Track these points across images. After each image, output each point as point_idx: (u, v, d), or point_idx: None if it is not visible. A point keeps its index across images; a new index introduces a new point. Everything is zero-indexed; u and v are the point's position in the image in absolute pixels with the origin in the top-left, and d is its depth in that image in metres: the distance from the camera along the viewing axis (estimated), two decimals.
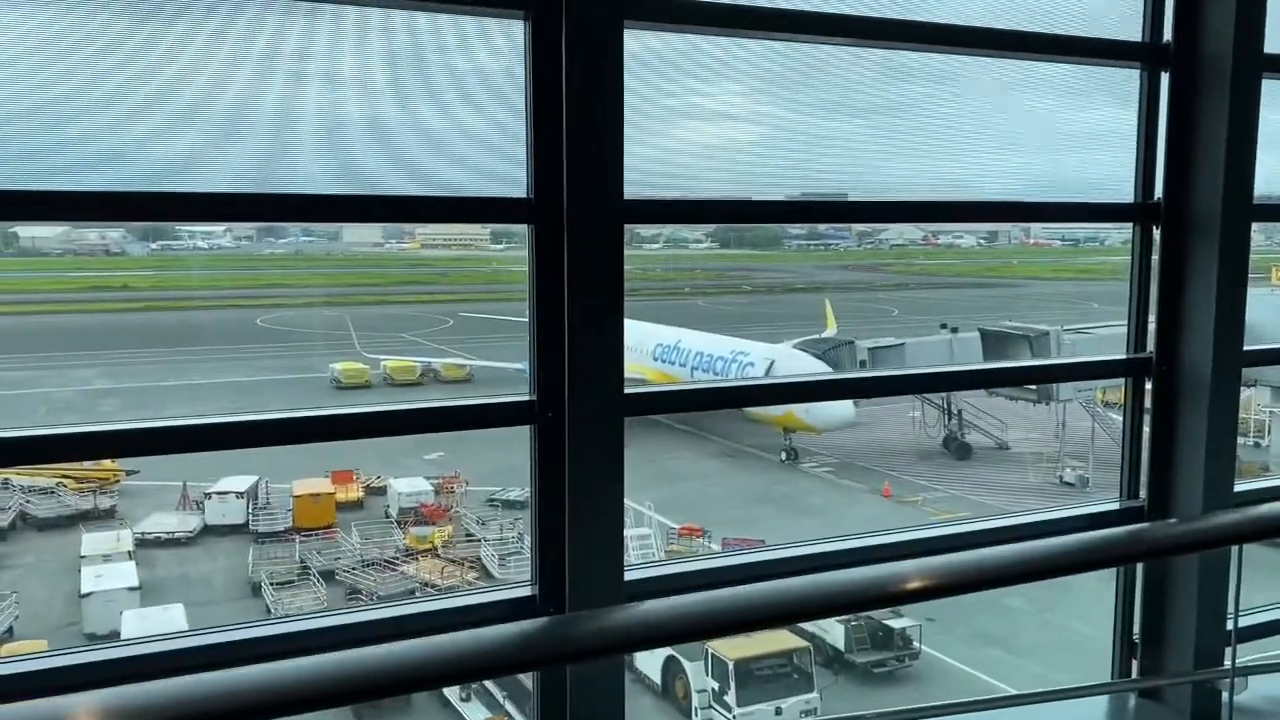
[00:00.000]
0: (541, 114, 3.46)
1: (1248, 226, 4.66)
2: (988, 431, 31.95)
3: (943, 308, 43.03)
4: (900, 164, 4.95)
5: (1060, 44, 4.57)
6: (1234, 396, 4.66)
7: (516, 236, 52.53)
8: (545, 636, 2.01)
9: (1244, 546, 4.55)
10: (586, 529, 3.61)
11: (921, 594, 2.00)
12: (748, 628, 1.95)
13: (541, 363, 3.56)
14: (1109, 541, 2.58)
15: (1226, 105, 4.43)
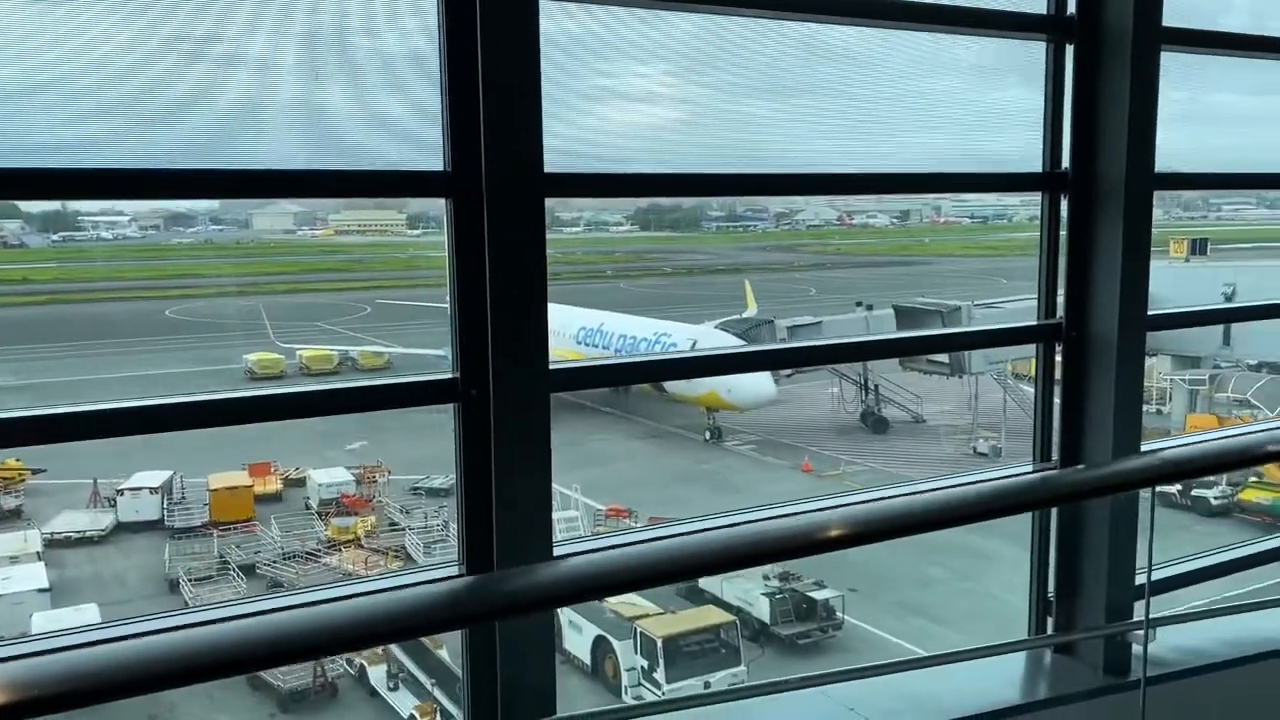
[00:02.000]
0: (457, 86, 3.41)
1: (1150, 195, 4.81)
2: (904, 405, 32.67)
3: (858, 286, 43.77)
4: (820, 144, 5.01)
5: (971, 16, 4.66)
6: (1140, 359, 4.83)
7: (434, 222, 51.89)
8: (473, 593, 1.99)
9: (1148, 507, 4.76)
10: (514, 507, 3.59)
11: (845, 541, 2.03)
12: (675, 578, 1.96)
13: (464, 339, 3.52)
14: (1021, 486, 2.67)
15: (1128, 77, 4.56)
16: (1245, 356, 30.41)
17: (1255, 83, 7.01)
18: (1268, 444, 2.97)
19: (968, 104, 5.46)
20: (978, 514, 2.34)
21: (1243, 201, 59.02)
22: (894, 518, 2.13)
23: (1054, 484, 3.25)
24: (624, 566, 1.86)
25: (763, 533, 2.00)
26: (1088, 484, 2.97)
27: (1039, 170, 4.89)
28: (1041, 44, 4.82)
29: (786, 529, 2.03)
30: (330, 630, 1.79)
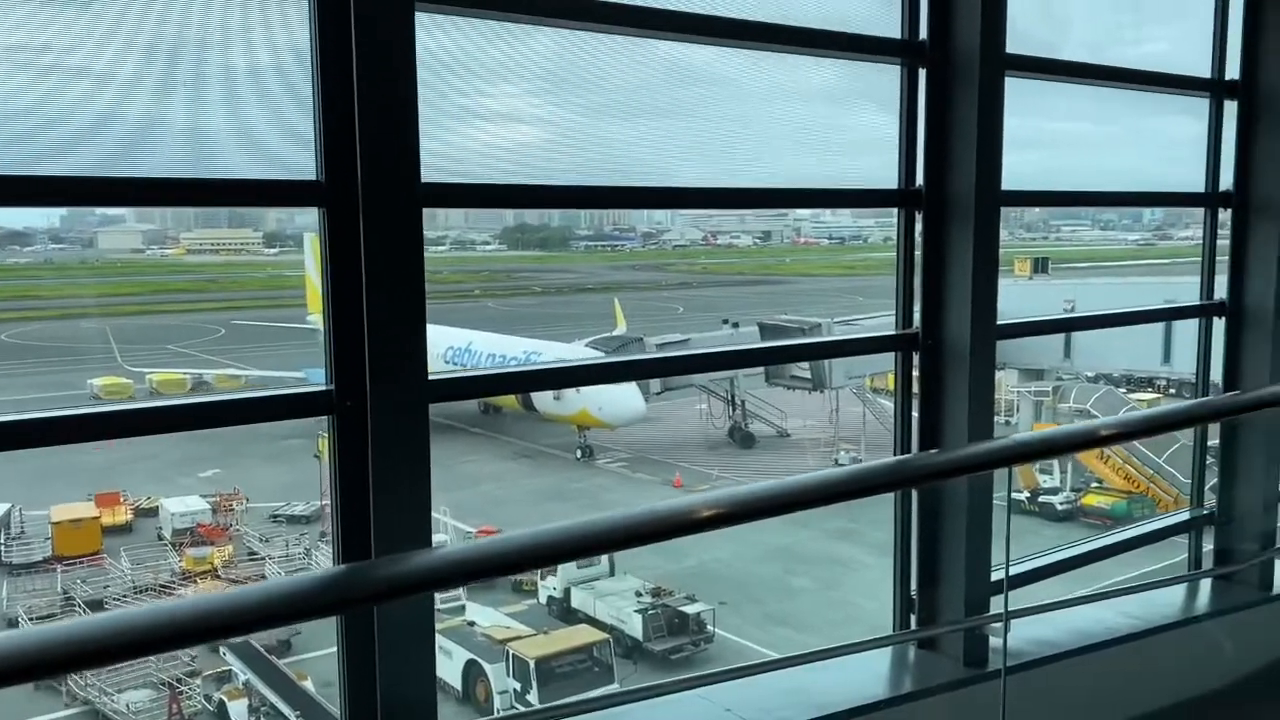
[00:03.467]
0: (331, 95, 3.37)
1: (997, 211, 5.11)
2: (769, 420, 33.45)
3: (724, 304, 44.64)
4: (685, 166, 5.14)
5: (830, 39, 4.86)
6: (990, 365, 5.11)
7: (292, 240, 50.43)
8: (346, 579, 1.95)
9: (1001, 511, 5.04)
10: (393, 521, 3.55)
11: (716, 521, 2.09)
12: (549, 562, 1.98)
13: (339, 349, 3.47)
14: (882, 468, 2.80)
15: (976, 99, 4.84)
16: (1084, 369, 32.33)
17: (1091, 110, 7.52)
18: (1100, 429, 3.22)
19: (827, 128, 5.70)
20: (842, 494, 2.45)
21: (1079, 224, 62.67)
22: (764, 498, 2.21)
23: (912, 465, 3.42)
24: (498, 550, 1.87)
25: (637, 516, 2.04)
26: (943, 465, 3.14)
27: (895, 187, 5.13)
28: (896, 68, 5.08)
29: (660, 512, 2.08)
30: (214, 616, 1.74)
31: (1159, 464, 26.20)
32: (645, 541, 2.07)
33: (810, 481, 2.34)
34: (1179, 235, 48.19)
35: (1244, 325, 6.28)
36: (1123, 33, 7.05)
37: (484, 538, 2.03)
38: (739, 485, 2.43)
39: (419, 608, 3.64)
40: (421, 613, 3.69)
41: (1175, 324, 6.56)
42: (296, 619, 1.92)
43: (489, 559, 1.93)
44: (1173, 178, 6.90)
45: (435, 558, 1.97)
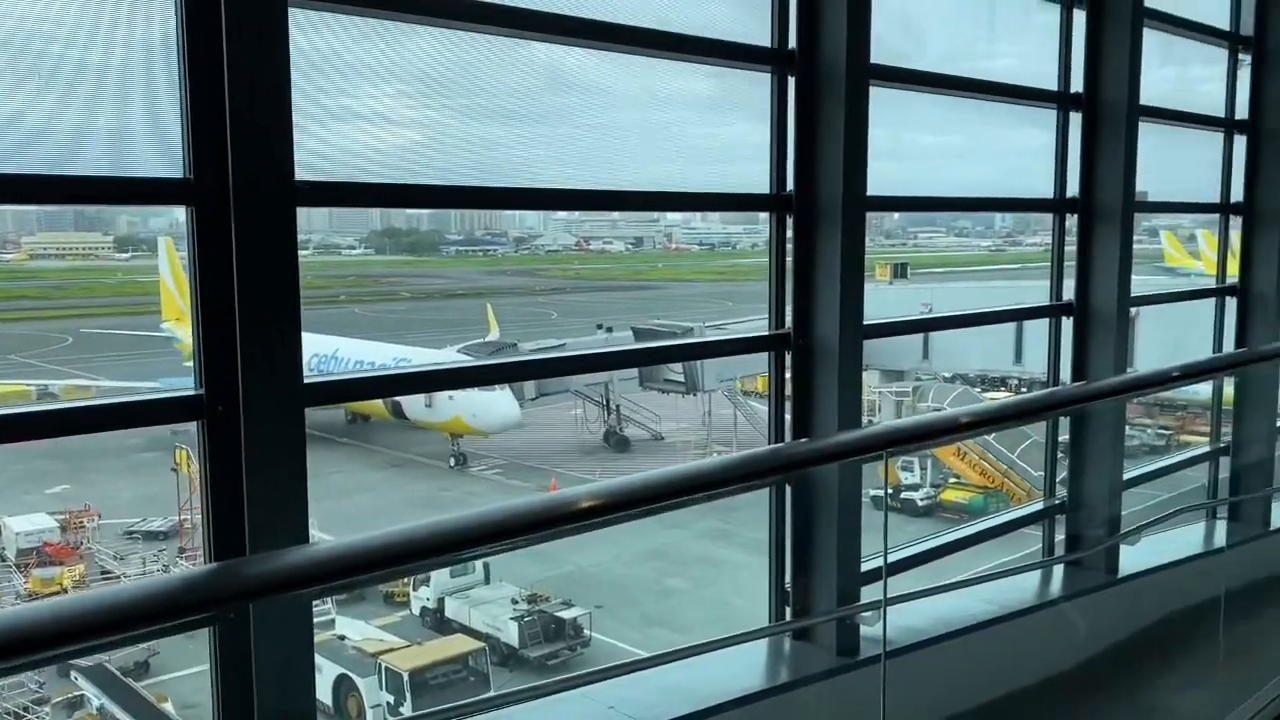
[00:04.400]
0: (200, 90, 3.27)
1: (863, 215, 5.30)
2: (644, 424, 33.69)
3: (598, 309, 44.70)
4: (559, 170, 5.17)
5: (703, 46, 4.97)
6: (858, 363, 5.29)
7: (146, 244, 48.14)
8: (212, 579, 1.86)
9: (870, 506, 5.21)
10: (269, 527, 3.45)
11: (596, 511, 2.11)
12: (423, 556, 1.95)
13: (209, 352, 3.36)
14: (756, 456, 2.87)
15: (842, 107, 5.02)
16: (942, 370, 33.68)
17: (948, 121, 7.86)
18: (961, 416, 3.39)
19: (701, 134, 5.81)
20: (718, 482, 2.51)
21: (935, 231, 65.26)
22: (643, 488, 2.25)
23: (786, 453, 3.52)
24: (374, 548, 1.83)
25: (515, 509, 2.04)
26: (816, 452, 3.25)
27: (767, 192, 5.27)
28: (766, 75, 5.22)
29: (538, 504, 2.09)
30: (68, 621, 1.63)
31: (1013, 459, 27.50)
32: (524, 533, 2.07)
33: (690, 471, 2.39)
34: (1028, 241, 50.67)
35: (1090, 324, 6.68)
36: (976, 47, 7.41)
37: (361, 534, 1.98)
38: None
39: (297, 616, 3.55)
40: (299, 621, 3.60)
41: (1026, 325, 6.95)
42: (160, 620, 1.78)
43: (369, 554, 1.89)
44: (1024, 185, 7.28)
45: (311, 553, 1.91)
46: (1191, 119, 8.18)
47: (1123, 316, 6.59)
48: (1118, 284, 6.53)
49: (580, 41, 4.65)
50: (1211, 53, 8.37)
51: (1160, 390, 6.33)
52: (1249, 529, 7.74)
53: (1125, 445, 7.03)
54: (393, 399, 28.59)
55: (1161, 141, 7.88)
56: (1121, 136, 6.51)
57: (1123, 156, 6.49)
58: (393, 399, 28.59)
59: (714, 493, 4.09)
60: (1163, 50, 7.70)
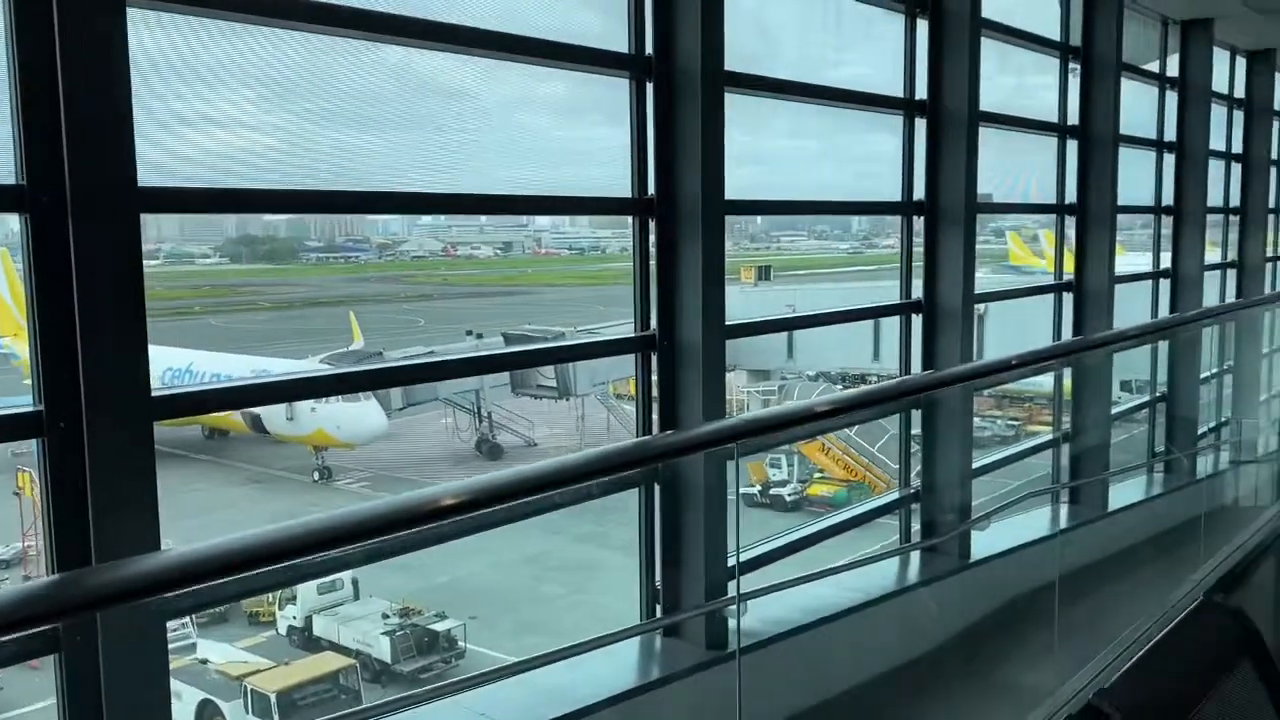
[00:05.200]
0: (32, 92, 3.12)
1: (723, 218, 5.43)
2: (517, 431, 33.45)
3: (466, 316, 44.18)
4: (421, 175, 5.12)
5: (561, 51, 5.00)
6: (721, 363, 5.41)
7: None
8: (51, 590, 1.75)
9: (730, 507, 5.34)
10: (117, 552, 3.30)
11: (458, 509, 2.09)
12: (280, 559, 1.89)
13: (48, 366, 3.21)
14: (621, 450, 2.91)
15: (699, 113, 5.13)
16: (806, 369, 34.58)
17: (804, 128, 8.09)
18: (817, 406, 3.51)
19: (565, 137, 5.85)
20: (579, 476, 2.53)
21: (797, 234, 66.96)
22: (504, 484, 2.25)
23: (652, 445, 3.57)
24: (230, 551, 1.77)
25: (371, 510, 2.01)
26: (680, 444, 3.31)
27: (629, 196, 5.34)
28: (625, 81, 5.29)
29: (396, 504, 2.06)
30: None
31: (873, 453, 28.45)
32: (384, 533, 2.03)
33: (552, 466, 2.40)
34: (884, 244, 52.46)
35: (937, 320, 6.99)
36: (828, 55, 7.67)
37: (216, 539, 1.90)
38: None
39: (149, 638, 3.41)
40: (152, 644, 3.47)
41: (883, 324, 7.28)
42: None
43: (226, 557, 1.82)
44: (876, 189, 7.57)
45: (163, 559, 1.83)
46: (1028, 124, 8.66)
47: (967, 312, 6.93)
48: (962, 282, 6.86)
49: (437, 45, 4.62)
50: (1046, 61, 8.88)
51: (1001, 376, 6.67)
52: (1089, 511, 8.23)
53: (977, 437, 7.38)
54: (252, 412, 27.63)
55: (1008, 146, 8.32)
56: (963, 141, 6.85)
57: (964, 161, 6.82)
58: (252, 412, 27.63)
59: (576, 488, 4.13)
60: (1001, 59, 8.14)
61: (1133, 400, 10.34)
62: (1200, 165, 10.52)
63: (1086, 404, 8.53)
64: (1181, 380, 9.62)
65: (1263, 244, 12.52)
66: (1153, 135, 10.42)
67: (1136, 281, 10.50)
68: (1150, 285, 10.56)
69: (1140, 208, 10.41)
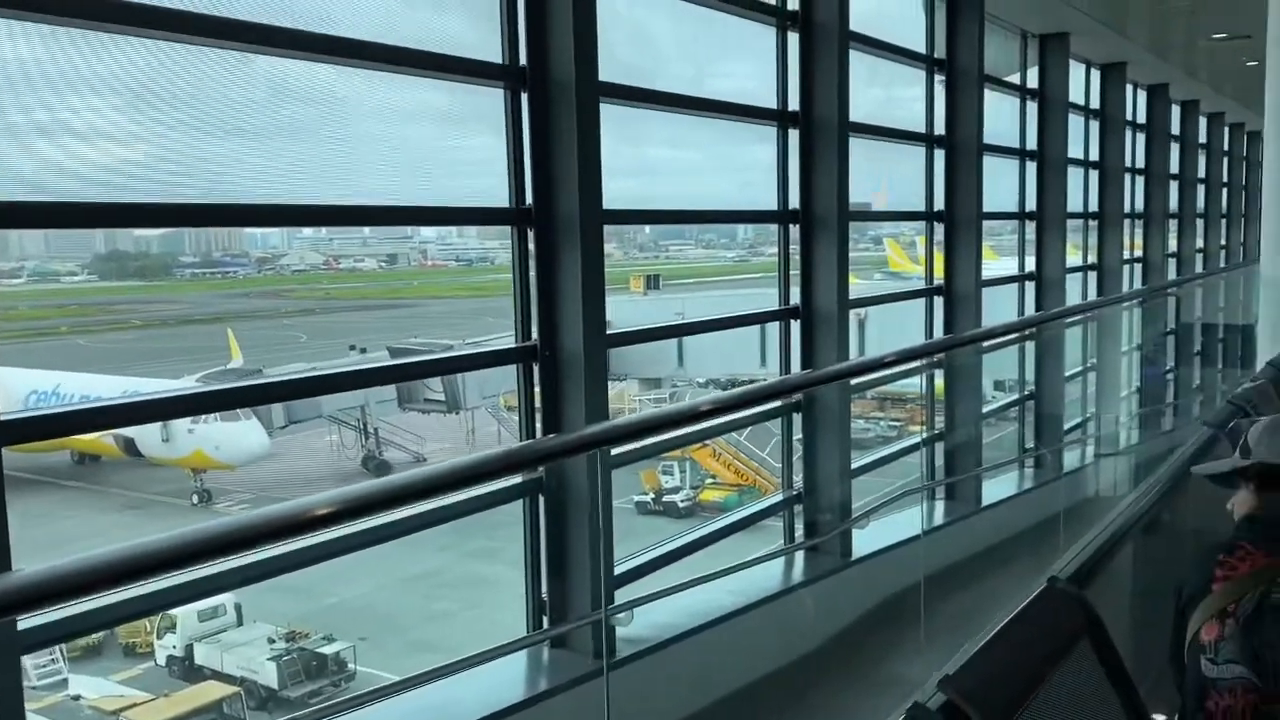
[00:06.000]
0: None
1: (601, 228, 5.45)
2: (405, 447, 32.87)
3: (350, 330, 43.25)
4: (298, 186, 5.01)
5: (436, 61, 4.96)
6: (603, 371, 5.43)
7: None
8: None
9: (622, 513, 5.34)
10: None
11: (333, 518, 2.05)
12: (144, 575, 1.81)
13: None
14: (500, 455, 2.89)
15: (575, 123, 5.15)
16: (696, 375, 34.92)
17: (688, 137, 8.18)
18: (701, 405, 3.57)
19: (446, 148, 5.79)
20: (463, 480, 2.51)
21: (685, 243, 67.70)
22: (379, 492, 2.21)
23: (531, 450, 3.56)
24: (86, 569, 1.68)
25: (242, 522, 1.95)
26: (558, 448, 3.31)
27: (507, 206, 5.32)
28: (500, 91, 5.28)
29: (267, 516, 2.00)
30: None
31: (763, 457, 28.90)
32: (246, 548, 1.98)
33: (432, 473, 2.37)
34: (768, 251, 53.41)
35: (815, 325, 7.16)
36: (710, 66, 7.79)
37: (70, 557, 1.79)
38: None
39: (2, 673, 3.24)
40: (6, 680, 3.29)
41: (769, 329, 7.44)
42: None
43: (82, 576, 1.72)
44: (758, 198, 7.72)
45: (8, 580, 1.71)
46: (897, 134, 8.95)
47: (843, 316, 7.11)
48: (837, 287, 7.04)
49: (308, 56, 4.54)
50: (914, 74, 9.20)
51: (880, 377, 6.88)
52: (964, 507, 8.53)
53: (862, 438, 7.58)
54: (125, 435, 26.51)
55: (886, 155, 8.58)
56: (834, 151, 7.03)
57: (836, 170, 7.01)
58: (125, 435, 26.51)
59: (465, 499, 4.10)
60: (871, 72, 8.40)
61: (1005, 399, 10.76)
62: (1060, 172, 11.04)
63: (959, 403, 8.85)
64: (1048, 378, 10.06)
65: (1120, 246, 13.20)
66: (1015, 144, 10.89)
67: (1004, 284, 10.95)
68: (1017, 287, 11.03)
69: (1005, 214, 10.86)
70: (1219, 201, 18.80)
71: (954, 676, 1.58)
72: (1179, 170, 16.18)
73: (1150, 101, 14.71)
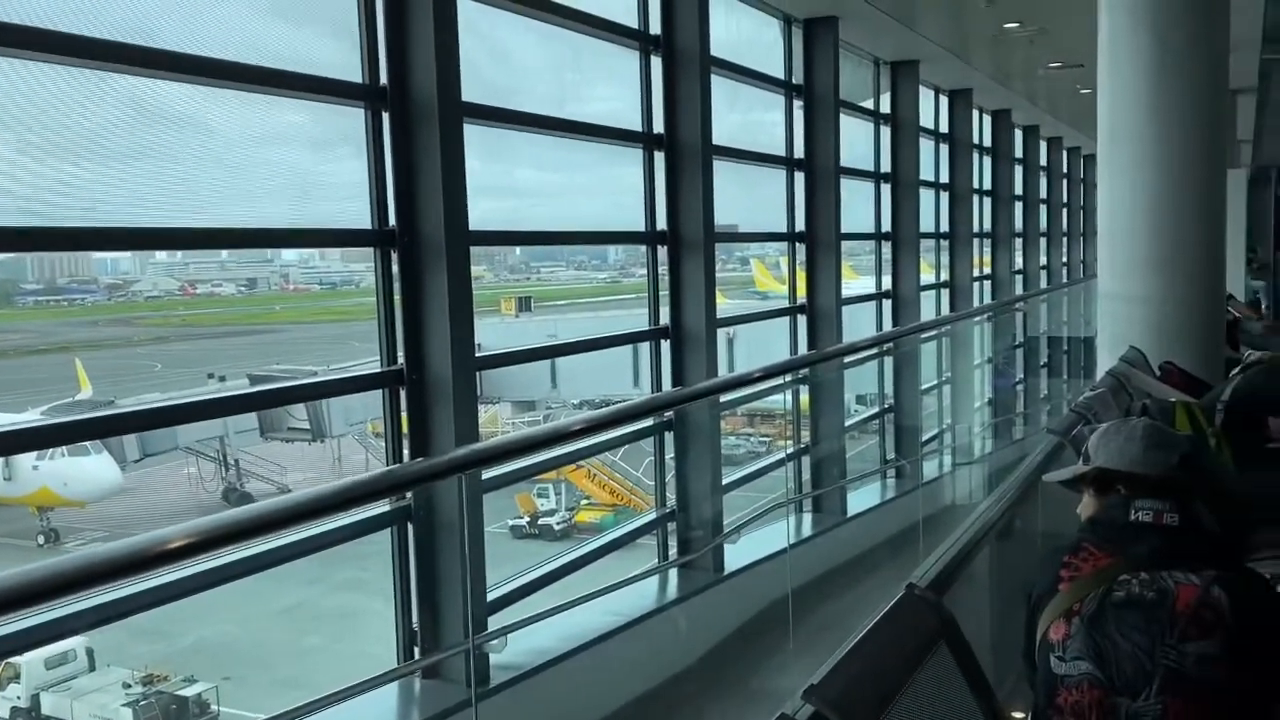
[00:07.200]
0: None
1: (467, 249, 5.41)
2: (268, 477, 31.75)
3: (209, 358, 41.62)
4: (154, 209, 4.83)
5: (297, 81, 4.86)
6: (473, 395, 5.37)
7: None
8: None
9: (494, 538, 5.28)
10: None
11: (190, 550, 1.97)
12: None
13: None
14: (367, 480, 2.83)
15: (438, 144, 5.10)
16: (570, 397, 34.88)
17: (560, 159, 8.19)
18: (572, 425, 3.56)
19: (309, 169, 5.65)
20: (329, 508, 2.45)
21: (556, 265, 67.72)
22: (241, 522, 2.13)
23: (401, 474, 3.50)
24: None
25: (89, 558, 1.85)
26: (426, 472, 3.26)
27: (369, 228, 5.22)
28: (361, 111, 5.19)
29: (118, 550, 1.90)
30: None
31: (637, 476, 29.05)
32: (104, 581, 1.87)
33: (294, 501, 2.30)
34: (639, 273, 53.88)
35: (684, 344, 7.26)
36: (578, 89, 7.84)
37: None
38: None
39: None
40: None
41: (640, 349, 7.51)
42: None
43: None
44: (629, 219, 7.78)
45: None
46: (759, 157, 9.17)
47: (711, 335, 7.23)
48: (705, 307, 7.15)
49: (164, 75, 4.38)
50: (775, 99, 9.46)
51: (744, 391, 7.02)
52: (830, 518, 8.76)
53: (733, 454, 7.70)
54: None
55: (749, 179, 8.77)
56: (699, 173, 7.16)
57: (701, 192, 7.14)
58: None
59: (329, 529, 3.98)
60: (733, 96, 8.59)
61: (866, 412, 11.11)
62: (913, 194, 11.50)
63: (823, 417, 9.09)
64: (906, 392, 10.43)
65: (969, 264, 13.82)
66: (871, 167, 11.30)
67: (863, 302, 11.33)
68: (875, 305, 11.42)
69: (862, 234, 11.25)
70: (1060, 221, 19.89)
71: (818, 686, 1.61)
72: (1023, 191, 17.06)
73: (995, 126, 15.48)
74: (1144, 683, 2.15)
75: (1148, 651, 2.15)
